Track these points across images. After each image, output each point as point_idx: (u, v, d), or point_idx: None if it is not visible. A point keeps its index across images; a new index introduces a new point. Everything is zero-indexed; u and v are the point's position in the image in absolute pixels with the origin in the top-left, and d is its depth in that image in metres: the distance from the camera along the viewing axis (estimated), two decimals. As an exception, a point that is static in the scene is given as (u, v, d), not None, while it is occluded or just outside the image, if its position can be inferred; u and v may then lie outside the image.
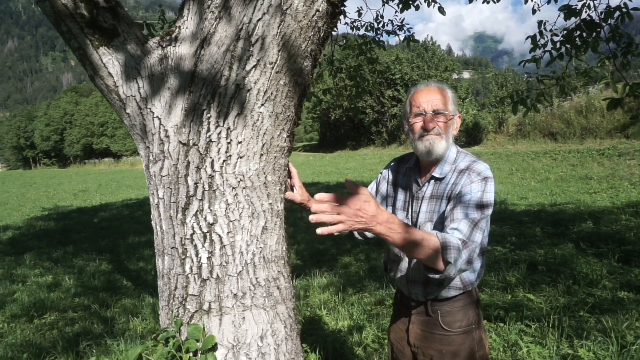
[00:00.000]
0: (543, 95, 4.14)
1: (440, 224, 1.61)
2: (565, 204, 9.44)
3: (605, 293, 4.06)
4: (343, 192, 2.08)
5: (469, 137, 26.83)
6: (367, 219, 1.25)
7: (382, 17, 6.47)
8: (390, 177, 1.88)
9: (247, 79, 1.37)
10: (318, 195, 1.24)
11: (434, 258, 1.39)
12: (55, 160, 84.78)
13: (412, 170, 1.78)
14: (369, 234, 1.94)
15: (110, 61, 1.48)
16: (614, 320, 3.37)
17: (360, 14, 6.59)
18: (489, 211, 1.54)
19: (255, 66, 1.36)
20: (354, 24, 6.62)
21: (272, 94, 1.40)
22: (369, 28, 6.61)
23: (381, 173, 1.94)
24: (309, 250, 6.92)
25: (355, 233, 1.93)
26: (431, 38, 41.77)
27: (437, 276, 1.45)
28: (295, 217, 9.87)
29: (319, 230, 1.22)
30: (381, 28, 6.60)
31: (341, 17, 5.99)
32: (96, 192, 21.56)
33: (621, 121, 18.44)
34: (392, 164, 1.92)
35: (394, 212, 1.82)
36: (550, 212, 8.46)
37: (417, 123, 1.65)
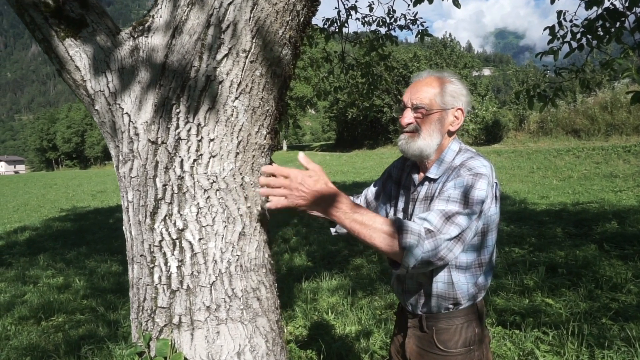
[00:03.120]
0: (561, 90, 3.92)
1: None
2: (589, 203, 9.09)
3: (630, 298, 3.82)
4: (359, 191, 1.93)
5: (489, 135, 26.33)
6: (307, 194, 1.20)
7: (394, 11, 6.29)
8: (396, 175, 1.73)
9: (218, 69, 1.24)
10: (264, 168, 1.23)
11: (391, 245, 1.23)
12: (76, 161, 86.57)
13: (412, 169, 1.63)
14: (341, 230, 1.72)
15: (77, 54, 1.37)
16: (639, 328, 3.15)
17: (371, 9, 6.43)
18: (476, 209, 1.33)
19: (226, 55, 1.23)
20: (365, 19, 6.46)
21: (247, 85, 1.27)
22: (381, 23, 6.44)
23: (387, 171, 1.79)
24: (321, 251, 6.78)
25: (332, 230, 1.75)
26: (450, 35, 41.19)
27: (397, 270, 1.28)
28: (308, 216, 9.74)
29: (268, 204, 1.23)
30: (393, 23, 6.43)
31: (352, 12, 5.79)
32: (114, 193, 21.78)
33: (648, 117, 17.82)
34: (398, 161, 1.77)
35: (395, 214, 1.67)
36: (572, 211, 8.15)
37: (400, 119, 1.51)
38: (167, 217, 1.26)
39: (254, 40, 1.24)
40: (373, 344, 3.48)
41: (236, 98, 1.27)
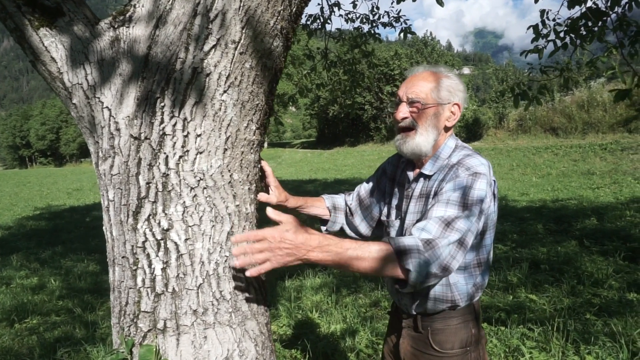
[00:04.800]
0: (545, 88, 3.95)
1: None
2: (568, 199, 9.26)
3: (612, 294, 3.87)
4: (341, 188, 1.88)
5: (469, 132, 26.63)
6: (292, 249, 1.14)
7: (377, 8, 6.27)
8: (390, 172, 1.69)
9: (205, 61, 1.17)
10: (234, 238, 1.18)
11: (393, 269, 1.19)
12: (51, 159, 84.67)
13: (406, 166, 1.59)
14: (363, 231, 1.73)
15: (53, 44, 1.29)
16: (622, 324, 3.19)
17: (355, 6, 6.39)
18: (475, 210, 1.29)
19: (214, 46, 1.17)
20: (349, 16, 6.43)
21: (236, 78, 1.21)
22: (364, 20, 6.41)
23: (381, 167, 1.75)
24: (304, 249, 6.73)
25: (347, 230, 1.75)
26: (430, 33, 41.54)
27: (405, 290, 1.24)
28: (291, 213, 9.67)
29: (248, 273, 1.15)
30: (377, 20, 6.40)
31: (335, 9, 5.75)
32: (90, 191, 21.32)
33: (624, 115, 18.25)
34: (393, 157, 1.73)
35: (389, 211, 1.63)
36: (552, 208, 8.28)
37: (394, 113, 1.47)
38: (151, 217, 1.20)
39: (243, 31, 1.18)
40: (359, 342, 3.45)
41: (224, 91, 1.20)
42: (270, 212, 1.17)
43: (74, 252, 7.37)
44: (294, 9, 1.24)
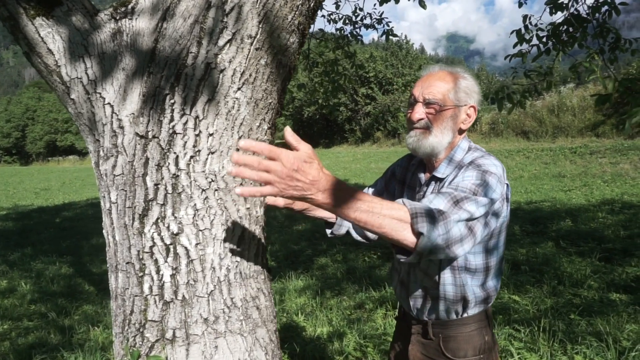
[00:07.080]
0: (529, 91, 4.01)
1: None
2: (541, 201, 9.45)
3: (592, 293, 3.96)
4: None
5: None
6: (305, 184, 0.97)
7: (360, 10, 6.26)
8: (400, 174, 1.65)
9: (220, 56, 1.12)
10: (244, 142, 0.94)
11: (403, 231, 1.08)
12: (16, 157, 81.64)
13: (417, 168, 1.55)
14: (370, 235, 1.61)
15: (49, 35, 1.21)
16: (606, 323, 3.25)
17: (338, 7, 6.37)
18: (485, 201, 1.21)
19: (230, 41, 1.11)
20: (331, 16, 6.40)
21: (250, 75, 1.16)
22: (347, 21, 6.40)
23: (390, 170, 1.70)
24: (284, 251, 6.67)
25: (354, 234, 1.64)
26: (405, 36, 41.93)
27: (407, 258, 1.14)
28: (267, 215, 9.58)
29: (238, 190, 0.95)
30: (359, 21, 6.39)
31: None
32: (59, 191, 20.63)
33: (592, 120, 18.83)
34: (402, 159, 1.68)
35: None
36: (527, 210, 8.44)
37: (409, 113, 1.43)
38: (159, 220, 1.13)
39: (260, 26, 1.12)
40: (347, 345, 3.41)
41: (239, 89, 1.15)
42: (289, 132, 0.99)
43: (45, 254, 7.09)
44: (312, 4, 1.20)
